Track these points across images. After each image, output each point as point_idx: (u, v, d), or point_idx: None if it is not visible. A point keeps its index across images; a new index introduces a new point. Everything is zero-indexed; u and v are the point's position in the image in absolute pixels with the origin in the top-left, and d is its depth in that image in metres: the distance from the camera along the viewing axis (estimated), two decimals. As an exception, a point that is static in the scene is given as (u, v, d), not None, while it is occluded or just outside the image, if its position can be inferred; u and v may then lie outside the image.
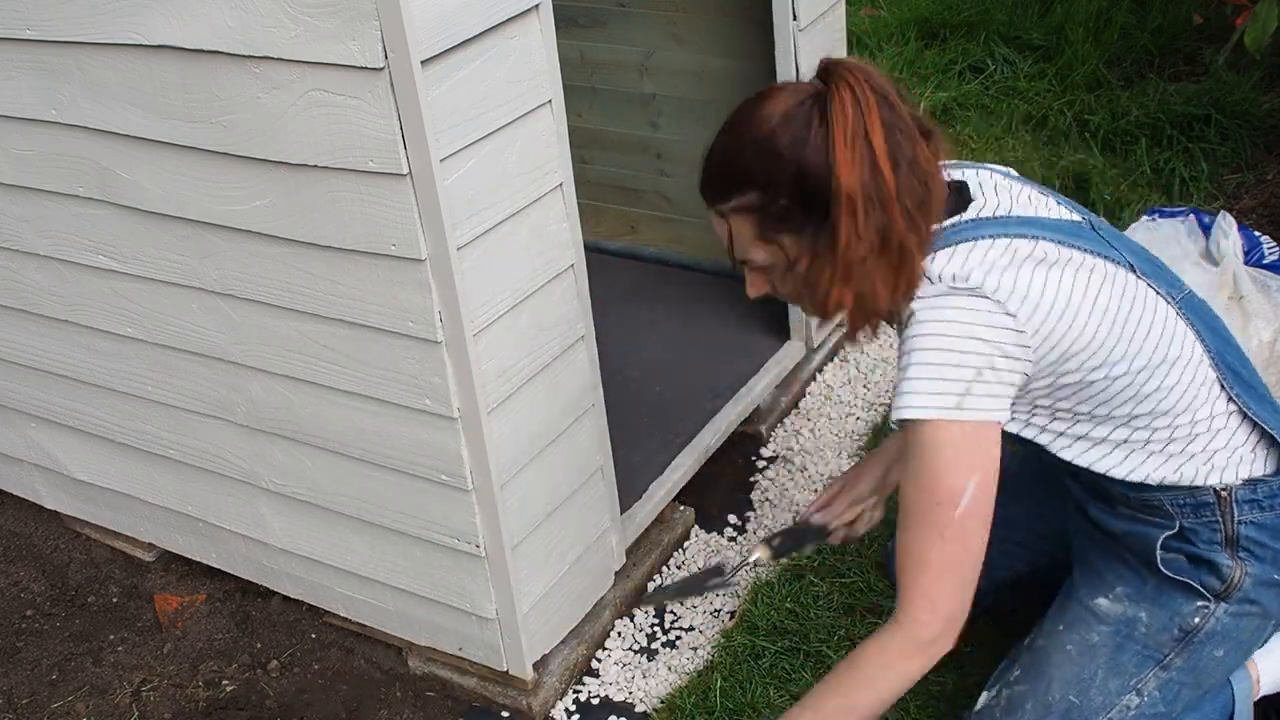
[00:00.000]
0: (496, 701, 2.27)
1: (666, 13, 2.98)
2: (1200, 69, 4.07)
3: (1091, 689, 1.78)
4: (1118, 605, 1.81)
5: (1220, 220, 2.83)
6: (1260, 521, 1.73)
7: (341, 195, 1.77)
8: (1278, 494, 1.73)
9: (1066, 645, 1.82)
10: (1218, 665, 1.79)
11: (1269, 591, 1.76)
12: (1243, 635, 1.78)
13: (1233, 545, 1.73)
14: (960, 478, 1.55)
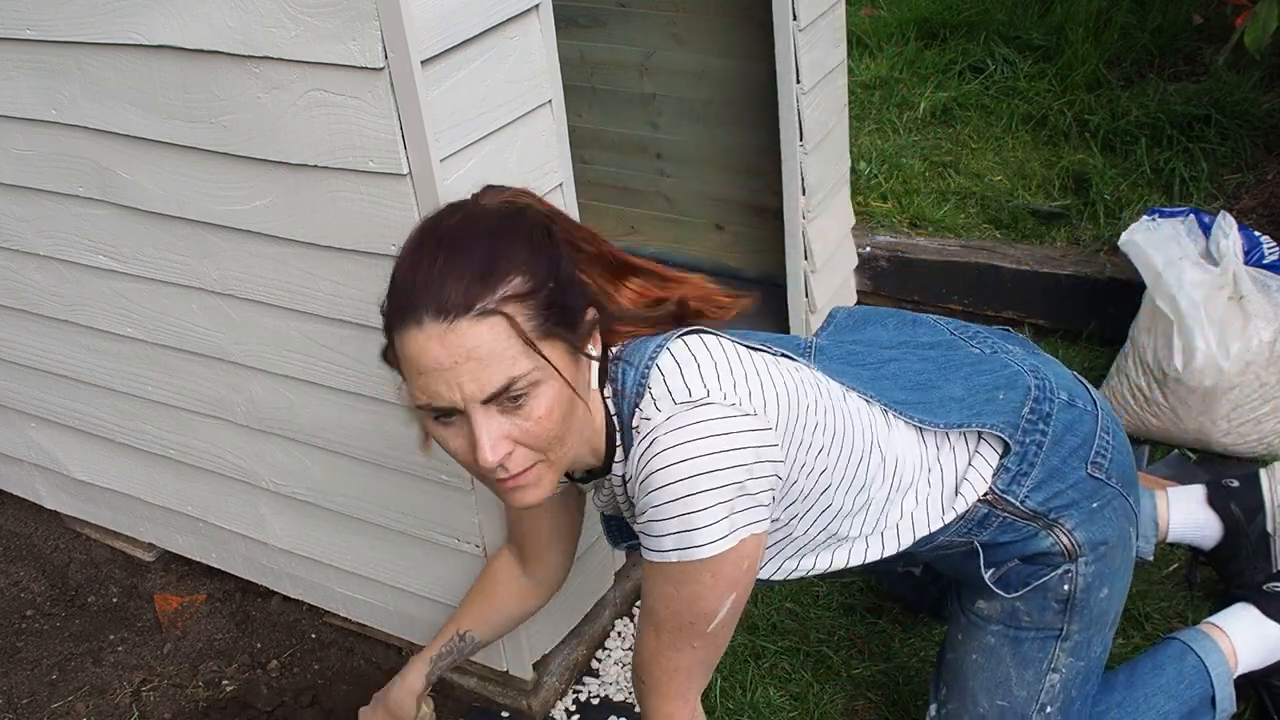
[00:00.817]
0: (497, 701, 2.27)
1: (666, 13, 2.98)
2: (1200, 69, 4.07)
3: (1012, 686, 1.79)
4: (994, 603, 1.79)
5: (1220, 220, 2.83)
6: (1036, 483, 1.68)
7: (341, 195, 1.77)
8: (1024, 454, 1.68)
9: (971, 654, 1.83)
10: (1110, 600, 1.78)
11: (1101, 521, 1.72)
12: (1115, 564, 1.75)
13: (1038, 519, 1.70)
14: (717, 601, 1.50)
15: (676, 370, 1.49)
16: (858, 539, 1.68)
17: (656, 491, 1.44)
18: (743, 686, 2.19)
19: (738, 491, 1.43)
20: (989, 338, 1.82)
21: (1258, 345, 2.58)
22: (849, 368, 1.70)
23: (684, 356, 1.50)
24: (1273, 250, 2.83)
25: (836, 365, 1.69)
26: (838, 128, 2.92)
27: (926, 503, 1.68)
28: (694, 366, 1.49)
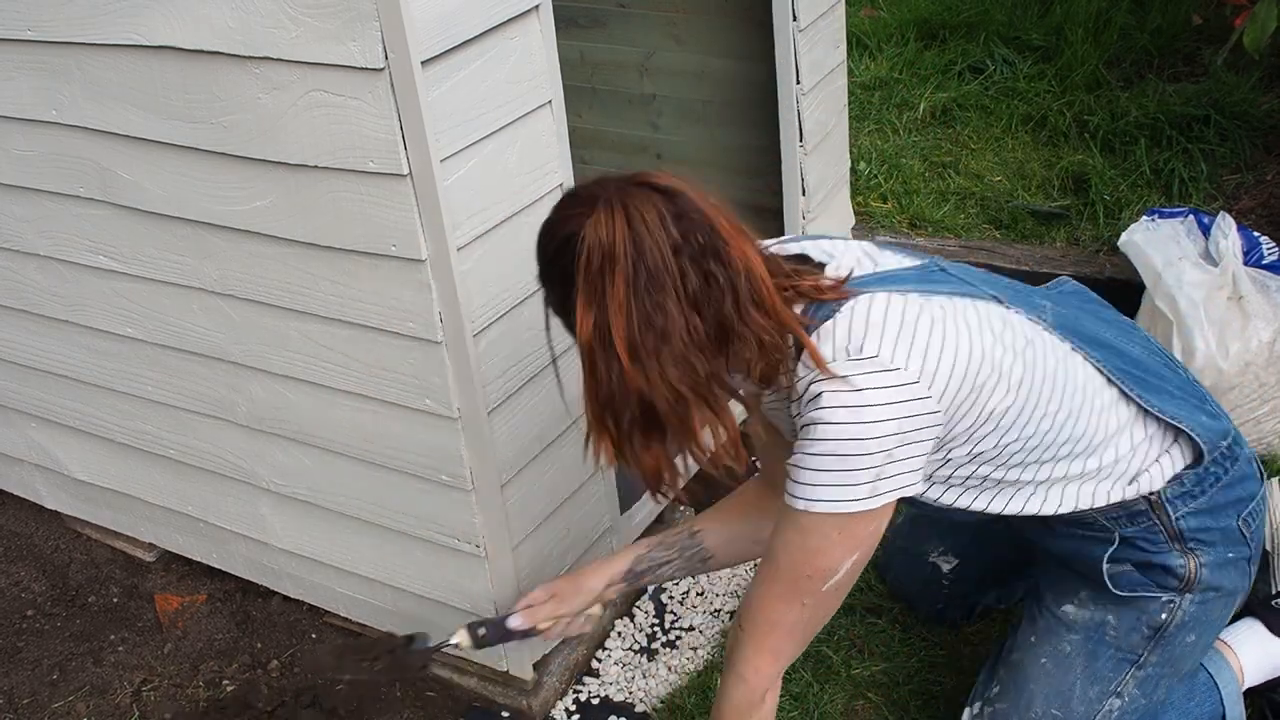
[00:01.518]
0: (497, 701, 2.27)
1: (666, 13, 2.99)
2: (1199, 69, 4.07)
3: (1073, 699, 1.78)
4: (1084, 610, 1.79)
5: (1219, 221, 2.83)
6: (1198, 509, 1.71)
7: (342, 196, 1.77)
8: (1204, 478, 1.71)
9: (1041, 658, 1.81)
10: (1193, 648, 1.79)
11: (1228, 570, 1.75)
12: (1213, 616, 1.78)
13: (1180, 540, 1.72)
14: (839, 559, 1.53)
15: (862, 325, 1.49)
16: (1019, 489, 1.66)
17: (811, 441, 1.47)
18: (742, 686, 2.20)
19: (887, 459, 1.46)
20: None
21: (1257, 346, 2.58)
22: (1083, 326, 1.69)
23: (871, 312, 1.50)
24: (1272, 250, 2.83)
25: (1070, 321, 1.68)
26: (837, 128, 2.92)
27: (1104, 477, 1.68)
28: (877, 326, 1.48)
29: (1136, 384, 1.68)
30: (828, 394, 1.46)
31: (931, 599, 2.24)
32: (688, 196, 1.45)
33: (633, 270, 1.40)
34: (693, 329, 1.42)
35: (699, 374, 1.44)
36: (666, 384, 1.43)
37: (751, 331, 1.44)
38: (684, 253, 1.41)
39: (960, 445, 1.57)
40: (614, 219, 1.41)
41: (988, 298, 1.60)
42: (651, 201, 1.43)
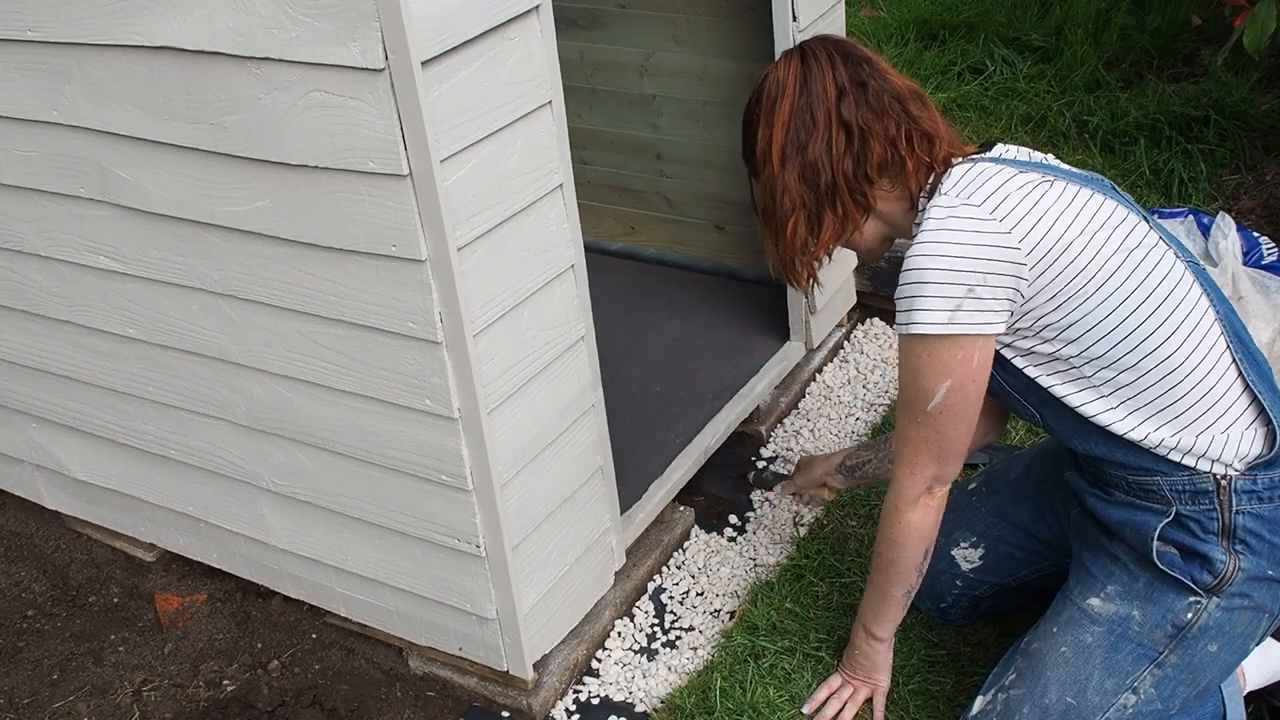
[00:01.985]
0: (497, 701, 2.27)
1: (666, 14, 2.99)
2: (1199, 70, 4.08)
3: (1088, 690, 1.79)
4: (1110, 604, 1.81)
5: (1219, 221, 2.83)
6: (1258, 513, 1.72)
7: (342, 196, 1.78)
8: (1277, 485, 1.71)
9: (1061, 647, 1.83)
10: (1213, 661, 1.79)
11: (1262, 585, 1.75)
12: (1236, 629, 1.78)
13: (1229, 536, 1.73)
14: (934, 382, 1.73)
15: (971, 175, 1.72)
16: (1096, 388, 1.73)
17: (908, 263, 1.70)
18: (743, 686, 2.20)
19: (966, 292, 1.65)
20: None
21: (1256, 346, 2.58)
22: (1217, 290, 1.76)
23: (982, 168, 1.73)
24: (1271, 251, 2.84)
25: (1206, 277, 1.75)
26: (837, 128, 2.92)
27: (1177, 415, 1.71)
28: (984, 179, 1.70)
29: (1242, 348, 1.72)
30: (930, 221, 1.69)
31: (938, 596, 2.23)
32: (858, 45, 1.84)
33: (798, 94, 1.79)
34: (834, 141, 1.78)
35: (819, 182, 1.80)
36: (789, 186, 1.81)
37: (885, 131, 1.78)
38: (847, 77, 1.79)
39: (1048, 310, 1.68)
40: (790, 61, 1.83)
41: (1137, 214, 1.74)
42: (824, 46, 1.83)
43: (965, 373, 1.71)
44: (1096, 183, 1.76)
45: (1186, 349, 1.68)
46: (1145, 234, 1.72)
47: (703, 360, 2.87)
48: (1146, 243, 1.71)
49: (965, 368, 1.71)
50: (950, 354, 1.70)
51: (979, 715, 1.89)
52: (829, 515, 2.60)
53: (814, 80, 1.80)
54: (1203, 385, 1.69)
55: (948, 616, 2.27)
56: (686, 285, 3.19)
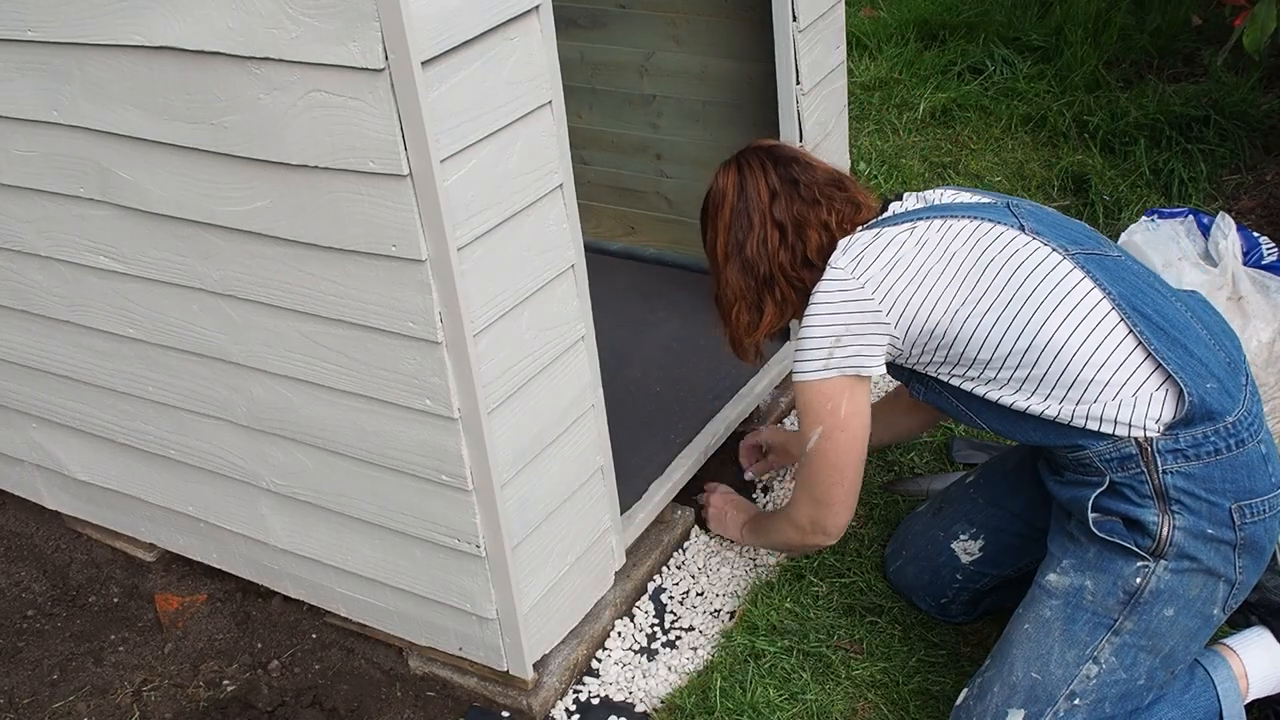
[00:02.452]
0: (497, 701, 2.27)
1: (666, 14, 2.99)
2: (1199, 70, 4.08)
3: (1050, 663, 1.85)
4: (1065, 577, 1.88)
5: (1219, 221, 2.84)
6: (1187, 471, 1.77)
7: (342, 196, 1.78)
8: (1201, 443, 1.76)
9: (1024, 624, 1.90)
10: (1171, 625, 1.83)
11: (1205, 546, 1.79)
12: (1190, 592, 1.81)
13: (1163, 498, 1.79)
14: (809, 429, 2.01)
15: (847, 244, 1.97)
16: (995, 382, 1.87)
17: (802, 322, 1.98)
18: (743, 686, 2.20)
19: (834, 342, 1.92)
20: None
21: (1256, 346, 2.58)
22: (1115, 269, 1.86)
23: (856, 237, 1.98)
24: (1271, 251, 2.84)
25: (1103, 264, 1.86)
26: (837, 129, 2.92)
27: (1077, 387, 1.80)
28: (853, 245, 1.96)
29: (1143, 320, 1.79)
30: (817, 286, 1.96)
31: (938, 591, 2.25)
32: (787, 147, 2.13)
33: (735, 199, 2.07)
34: (769, 238, 2.04)
35: (758, 275, 2.06)
36: (731, 281, 2.09)
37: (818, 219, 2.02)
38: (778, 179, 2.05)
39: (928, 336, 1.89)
40: (728, 171, 2.10)
41: (1011, 225, 1.90)
42: (757, 155, 2.09)
43: (833, 422, 1.97)
44: (978, 209, 1.94)
45: (1066, 332, 1.80)
46: (1011, 243, 1.87)
47: (703, 360, 2.87)
48: (1015, 250, 1.86)
49: (833, 417, 1.97)
50: (820, 403, 1.97)
51: (960, 705, 1.95)
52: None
53: (748, 186, 2.06)
54: (1094, 360, 1.79)
55: (948, 613, 2.27)
56: (686, 285, 3.19)
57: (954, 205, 1.97)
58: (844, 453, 2.00)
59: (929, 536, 2.27)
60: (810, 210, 2.03)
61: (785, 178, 2.06)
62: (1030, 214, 1.93)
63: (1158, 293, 1.87)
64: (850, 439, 1.99)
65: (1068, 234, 1.90)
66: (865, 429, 2.00)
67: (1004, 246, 1.87)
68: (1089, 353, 1.79)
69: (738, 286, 2.09)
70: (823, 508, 2.07)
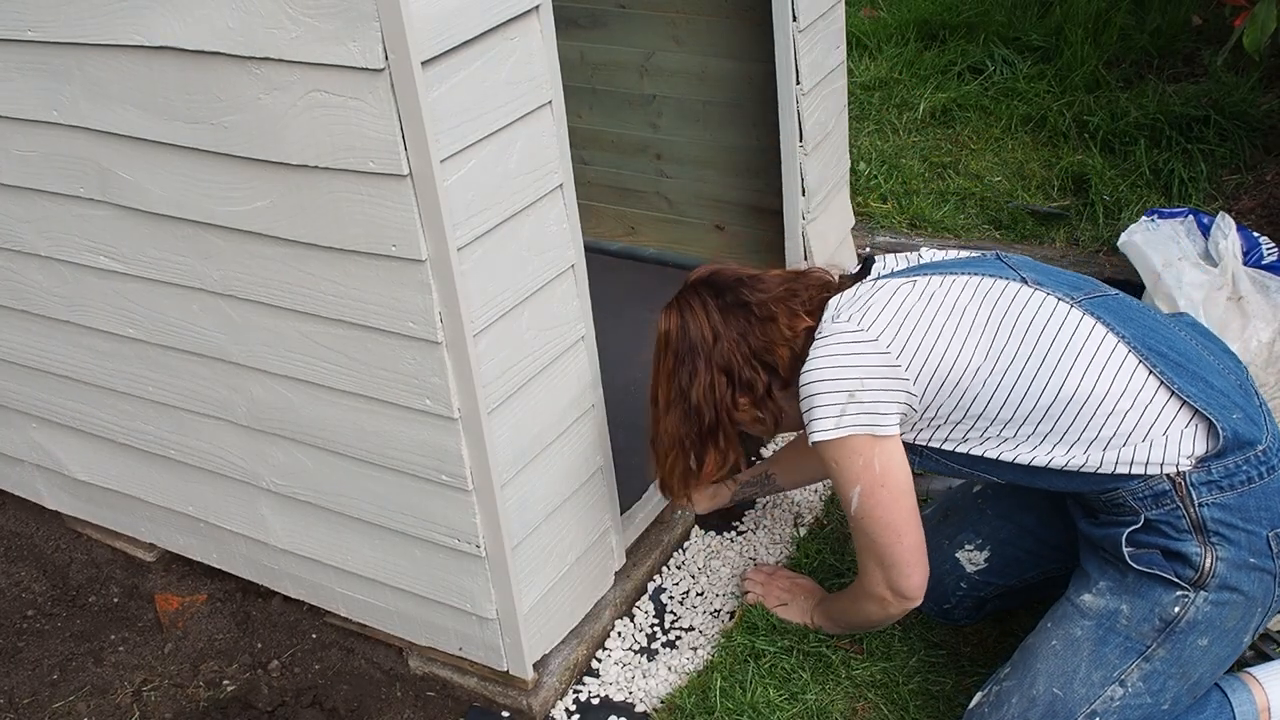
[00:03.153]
0: (497, 701, 2.27)
1: (666, 14, 2.99)
2: (1199, 70, 4.08)
3: (1075, 681, 1.82)
4: (1100, 599, 1.85)
5: (1219, 221, 2.83)
6: (1222, 503, 1.75)
7: (342, 196, 1.78)
8: (1234, 472, 1.74)
9: (1051, 640, 1.87)
10: (1203, 654, 1.81)
11: (1247, 575, 1.76)
12: (1227, 623, 1.80)
13: (1201, 531, 1.76)
14: (847, 490, 1.89)
15: (842, 301, 1.92)
16: (1016, 441, 1.82)
17: (800, 386, 1.87)
18: (743, 686, 2.20)
19: (848, 398, 1.81)
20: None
21: (1256, 346, 2.58)
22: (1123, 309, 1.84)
23: (852, 291, 1.92)
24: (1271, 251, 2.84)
25: (1110, 305, 1.84)
26: (837, 129, 2.92)
27: (1103, 437, 1.77)
28: (853, 300, 1.89)
29: (1161, 360, 1.77)
30: (812, 348, 1.88)
31: (942, 597, 2.24)
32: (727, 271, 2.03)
33: (680, 345, 2.00)
34: (715, 384, 1.98)
35: (703, 422, 2.01)
36: (669, 429, 2.05)
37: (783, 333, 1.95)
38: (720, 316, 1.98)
39: (945, 396, 1.82)
40: (669, 315, 2.04)
41: (1013, 279, 1.85)
42: (697, 291, 2.02)
43: (870, 478, 1.86)
44: (973, 264, 1.90)
45: (1090, 381, 1.76)
46: (1018, 295, 1.83)
47: (703, 360, 2.86)
48: (1024, 303, 1.82)
49: (869, 473, 1.85)
50: (850, 461, 1.86)
51: (975, 709, 1.93)
52: (829, 515, 2.60)
53: (691, 329, 2.00)
54: (1120, 406, 1.76)
55: (950, 617, 2.27)
56: (686, 285, 3.19)
57: (945, 263, 1.92)
58: (891, 509, 1.87)
59: (934, 544, 2.21)
60: (771, 328, 1.96)
61: (733, 304, 1.98)
62: (1024, 265, 1.90)
63: (1165, 327, 1.86)
64: (895, 493, 1.87)
65: (1065, 281, 1.88)
66: (908, 480, 1.88)
67: (1012, 299, 1.82)
68: (1115, 399, 1.76)
69: (676, 434, 2.05)
70: (893, 570, 1.93)
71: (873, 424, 1.82)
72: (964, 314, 1.81)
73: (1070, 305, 1.81)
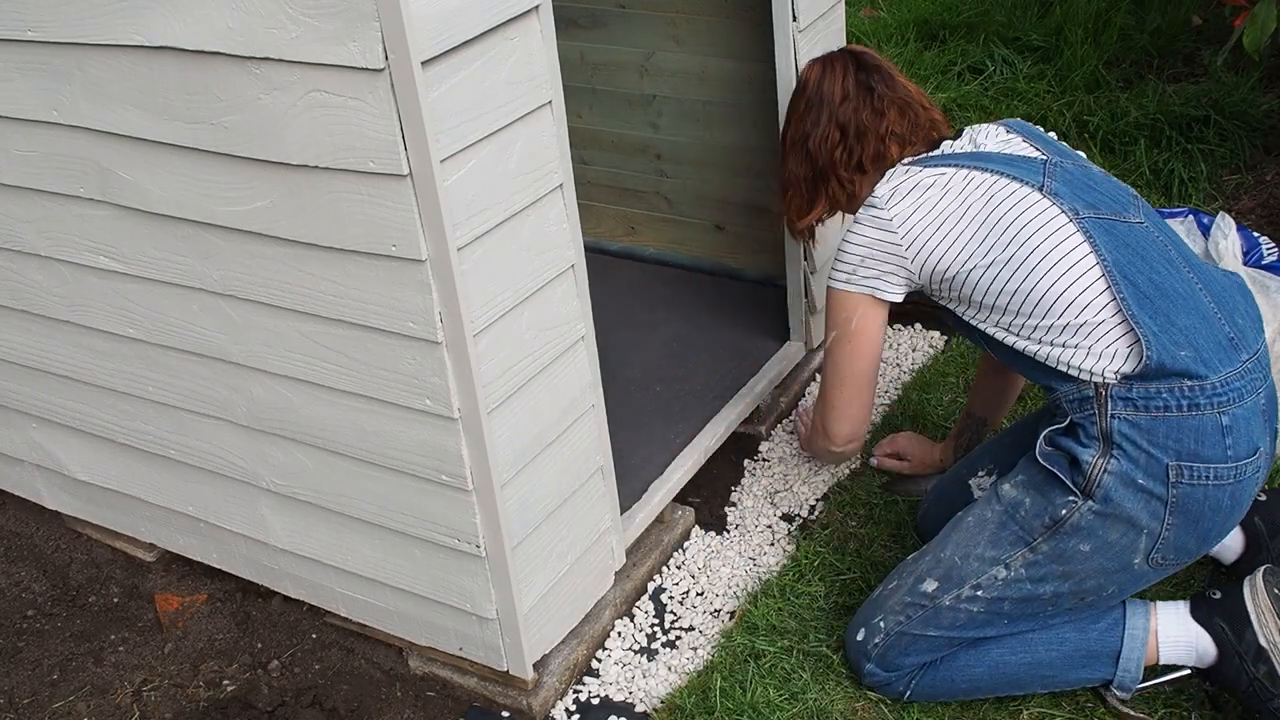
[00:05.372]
0: (497, 701, 2.27)
1: (666, 14, 2.99)
2: (1199, 70, 4.08)
3: (971, 555, 2.04)
4: (1014, 491, 2.03)
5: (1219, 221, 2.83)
6: (1133, 420, 1.88)
7: (342, 196, 1.78)
8: (1152, 397, 1.87)
9: (969, 516, 2.09)
10: (1085, 560, 1.95)
11: (1130, 494, 1.89)
12: (1109, 536, 1.93)
13: (1106, 441, 1.91)
14: (827, 332, 2.20)
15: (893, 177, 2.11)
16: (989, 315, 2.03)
17: (844, 235, 2.14)
18: (743, 686, 2.20)
19: (859, 262, 2.10)
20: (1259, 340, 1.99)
21: (1256, 346, 2.57)
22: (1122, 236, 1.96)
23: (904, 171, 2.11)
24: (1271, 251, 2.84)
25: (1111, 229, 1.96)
26: (837, 129, 2.91)
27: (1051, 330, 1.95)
28: (898, 180, 2.09)
29: (1130, 287, 1.90)
30: (865, 202, 2.13)
31: None
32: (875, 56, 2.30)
33: (813, 93, 2.27)
34: (828, 136, 2.24)
35: (816, 167, 2.27)
36: (792, 170, 2.32)
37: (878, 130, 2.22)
38: (854, 84, 2.24)
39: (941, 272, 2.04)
40: (813, 67, 2.30)
41: (1033, 185, 2.00)
42: (843, 56, 2.29)
43: (844, 331, 2.15)
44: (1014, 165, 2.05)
45: (1051, 290, 1.93)
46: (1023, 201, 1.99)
47: (703, 360, 2.87)
48: (1024, 210, 1.98)
49: (845, 327, 2.15)
50: (838, 311, 2.16)
51: (911, 559, 2.15)
52: (829, 515, 2.60)
53: (825, 84, 2.26)
54: (1068, 313, 1.93)
55: None
56: (686, 285, 3.19)
57: (993, 156, 2.09)
58: (847, 362, 2.17)
59: (954, 476, 2.40)
60: (875, 120, 2.21)
61: (863, 83, 2.24)
62: (1062, 174, 2.03)
63: (1166, 262, 1.96)
64: (854, 351, 2.16)
65: (1090, 196, 2.00)
66: (871, 347, 2.15)
67: (1015, 204, 1.99)
68: (1065, 306, 1.92)
69: (796, 174, 2.30)
70: (828, 410, 2.24)
71: (875, 288, 2.11)
72: (967, 210, 2.02)
73: (1069, 220, 1.95)
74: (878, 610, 2.13)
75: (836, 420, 2.24)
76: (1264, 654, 1.96)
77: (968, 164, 2.07)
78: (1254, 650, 1.97)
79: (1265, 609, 1.99)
